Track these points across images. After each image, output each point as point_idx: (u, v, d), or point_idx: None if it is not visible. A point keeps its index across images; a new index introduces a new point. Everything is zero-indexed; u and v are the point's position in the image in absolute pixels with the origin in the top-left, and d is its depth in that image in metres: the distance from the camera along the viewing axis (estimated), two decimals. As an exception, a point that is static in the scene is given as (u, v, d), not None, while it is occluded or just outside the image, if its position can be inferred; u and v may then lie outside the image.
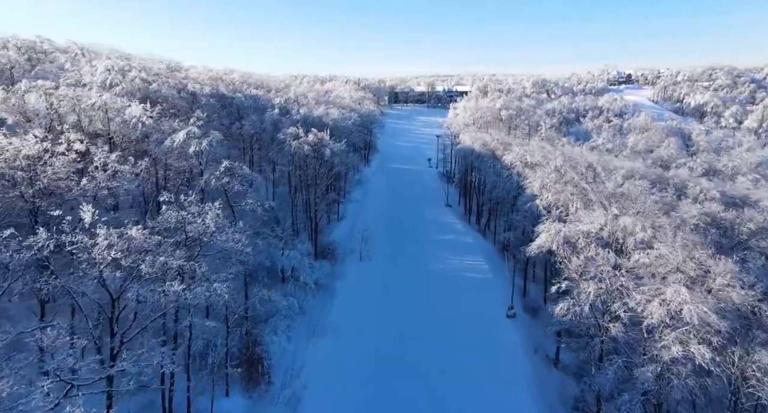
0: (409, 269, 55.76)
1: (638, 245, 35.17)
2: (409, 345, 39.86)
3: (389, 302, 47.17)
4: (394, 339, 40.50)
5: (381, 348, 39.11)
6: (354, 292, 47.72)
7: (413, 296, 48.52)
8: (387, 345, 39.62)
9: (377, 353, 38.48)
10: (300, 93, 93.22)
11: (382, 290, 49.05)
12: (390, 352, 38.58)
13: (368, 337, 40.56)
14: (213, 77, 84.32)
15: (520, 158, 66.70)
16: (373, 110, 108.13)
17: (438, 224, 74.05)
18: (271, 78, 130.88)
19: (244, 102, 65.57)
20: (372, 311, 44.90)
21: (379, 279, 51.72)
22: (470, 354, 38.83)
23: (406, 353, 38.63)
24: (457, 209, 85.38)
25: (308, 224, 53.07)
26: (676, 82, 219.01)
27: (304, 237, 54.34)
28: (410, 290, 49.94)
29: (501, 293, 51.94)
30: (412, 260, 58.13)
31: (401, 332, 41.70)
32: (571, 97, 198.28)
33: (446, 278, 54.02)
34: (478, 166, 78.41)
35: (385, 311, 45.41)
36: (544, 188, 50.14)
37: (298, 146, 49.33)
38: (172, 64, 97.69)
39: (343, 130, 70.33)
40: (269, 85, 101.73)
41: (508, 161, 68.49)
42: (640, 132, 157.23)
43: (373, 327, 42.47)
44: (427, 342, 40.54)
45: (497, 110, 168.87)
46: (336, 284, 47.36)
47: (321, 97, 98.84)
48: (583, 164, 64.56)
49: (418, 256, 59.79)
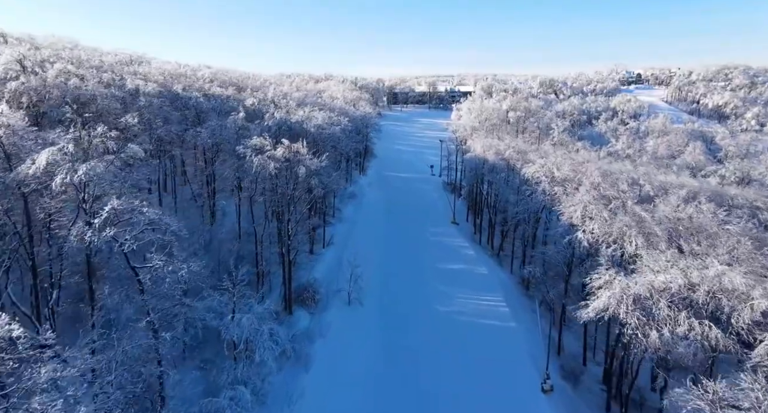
0: (410, 314, 43.97)
1: (756, 317, 23.44)
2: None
3: (385, 369, 35.39)
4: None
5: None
6: (338, 356, 35.86)
7: (415, 360, 36.74)
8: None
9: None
10: (282, 93, 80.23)
11: (375, 353, 37.20)
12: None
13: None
14: (174, 74, 71.63)
15: (545, 171, 54.96)
16: (369, 112, 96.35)
17: (444, 248, 62.26)
18: (256, 76, 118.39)
19: (203, 103, 53.50)
20: (362, 386, 33.05)
21: (373, 334, 39.89)
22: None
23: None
24: (466, 228, 73.59)
25: (281, 260, 41.24)
26: (691, 82, 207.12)
27: (275, 279, 42.58)
28: (411, 349, 38.13)
29: (528, 349, 40.27)
30: (413, 302, 46.36)
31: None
32: (581, 97, 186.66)
33: (457, 328, 42.24)
34: (490, 178, 66.61)
35: (380, 383, 33.63)
36: (588, 217, 38.36)
37: (263, 162, 37.50)
38: (135, 57, 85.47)
39: (328, 138, 58.24)
40: (246, 83, 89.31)
41: (528, 175, 56.68)
42: (659, 135, 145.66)
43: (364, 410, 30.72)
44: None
45: (504, 112, 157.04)
46: (313, 348, 35.40)
47: (309, 98, 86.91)
48: (625, 180, 53.05)
49: (421, 294, 48.03)
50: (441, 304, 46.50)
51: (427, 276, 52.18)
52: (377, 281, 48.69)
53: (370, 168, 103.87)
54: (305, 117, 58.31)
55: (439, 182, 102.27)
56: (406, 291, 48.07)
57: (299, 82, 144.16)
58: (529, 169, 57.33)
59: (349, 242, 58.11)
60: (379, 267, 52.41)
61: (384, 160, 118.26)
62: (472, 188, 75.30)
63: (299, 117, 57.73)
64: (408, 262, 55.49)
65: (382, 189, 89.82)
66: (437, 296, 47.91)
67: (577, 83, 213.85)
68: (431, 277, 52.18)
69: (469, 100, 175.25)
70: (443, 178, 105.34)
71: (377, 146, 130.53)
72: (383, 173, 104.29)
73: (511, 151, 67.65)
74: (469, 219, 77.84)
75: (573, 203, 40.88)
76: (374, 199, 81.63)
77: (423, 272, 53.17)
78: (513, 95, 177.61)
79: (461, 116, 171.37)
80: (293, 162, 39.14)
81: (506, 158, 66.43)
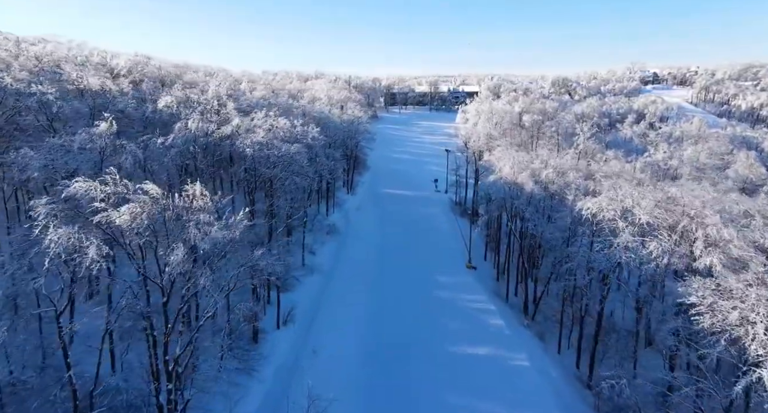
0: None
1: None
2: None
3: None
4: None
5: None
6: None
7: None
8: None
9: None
10: (234, 91, 58.93)
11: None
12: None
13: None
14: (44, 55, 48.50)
15: (615, 209, 35.85)
16: (358, 116, 76.86)
17: (460, 314, 43.08)
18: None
19: (63, 105, 33.27)
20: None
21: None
22: None
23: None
24: (485, 274, 54.52)
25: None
26: (719, 81, 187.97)
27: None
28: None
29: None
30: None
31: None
32: (599, 98, 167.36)
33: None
34: (524, 209, 47.35)
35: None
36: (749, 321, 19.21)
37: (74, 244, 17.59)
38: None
39: (280, 162, 37.41)
40: (185, 76, 67.83)
41: (587, 211, 37.45)
42: (695, 142, 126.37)
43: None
44: None
45: (517, 115, 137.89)
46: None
47: (276, 99, 66.85)
48: (732, 210, 34.33)
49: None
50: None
51: (440, 373, 32.93)
52: (357, 396, 29.35)
53: (360, 184, 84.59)
54: (241, 130, 38.09)
55: (446, 202, 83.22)
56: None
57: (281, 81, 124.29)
58: (586, 203, 38.09)
59: (320, 316, 38.79)
60: (361, 365, 33.09)
61: (378, 172, 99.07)
62: (494, 220, 56.08)
63: (229, 131, 37.60)
64: (406, 350, 36.14)
65: (375, 215, 70.58)
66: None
67: (592, 83, 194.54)
68: (447, 376, 32.94)
69: (476, 102, 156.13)
70: (450, 195, 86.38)
71: (371, 155, 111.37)
72: (377, 191, 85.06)
73: (550, 172, 48.49)
74: (487, 256, 58.80)
75: (719, 294, 21.52)
76: (363, 231, 62.28)
77: (434, 365, 33.94)
78: (525, 96, 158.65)
79: (468, 119, 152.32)
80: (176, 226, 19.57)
81: (545, 181, 47.30)
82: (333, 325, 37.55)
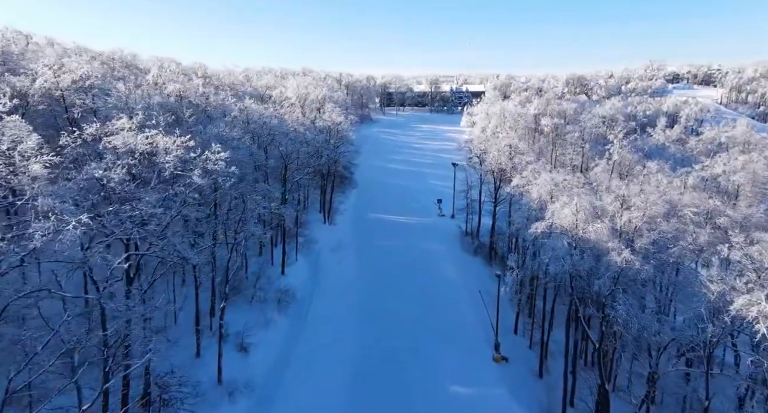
0: None
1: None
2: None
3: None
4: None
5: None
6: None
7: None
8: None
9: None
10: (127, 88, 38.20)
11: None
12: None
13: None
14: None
15: None
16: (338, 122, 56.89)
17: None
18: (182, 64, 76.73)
19: None
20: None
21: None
22: None
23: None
24: (522, 367, 35.12)
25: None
26: (751, 80, 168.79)
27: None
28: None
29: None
30: None
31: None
32: (622, 99, 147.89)
33: None
34: (605, 291, 27.69)
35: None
36: None
37: None
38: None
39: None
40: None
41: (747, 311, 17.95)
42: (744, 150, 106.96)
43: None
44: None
45: (532, 117, 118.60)
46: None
47: (206, 100, 46.95)
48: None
49: None
50: None
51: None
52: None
53: (342, 210, 64.72)
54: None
55: (454, 232, 63.66)
56: None
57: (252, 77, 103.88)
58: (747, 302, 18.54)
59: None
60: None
61: (368, 189, 79.67)
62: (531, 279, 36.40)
63: None
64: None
65: (358, 259, 50.55)
66: None
67: (612, 82, 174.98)
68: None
69: (484, 103, 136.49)
70: (458, 222, 66.89)
71: (361, 166, 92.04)
72: (364, 217, 65.39)
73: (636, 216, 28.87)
74: (519, 328, 39.40)
75: None
76: (337, 292, 42.31)
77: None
78: (538, 96, 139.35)
79: (474, 123, 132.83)
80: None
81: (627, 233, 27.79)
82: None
